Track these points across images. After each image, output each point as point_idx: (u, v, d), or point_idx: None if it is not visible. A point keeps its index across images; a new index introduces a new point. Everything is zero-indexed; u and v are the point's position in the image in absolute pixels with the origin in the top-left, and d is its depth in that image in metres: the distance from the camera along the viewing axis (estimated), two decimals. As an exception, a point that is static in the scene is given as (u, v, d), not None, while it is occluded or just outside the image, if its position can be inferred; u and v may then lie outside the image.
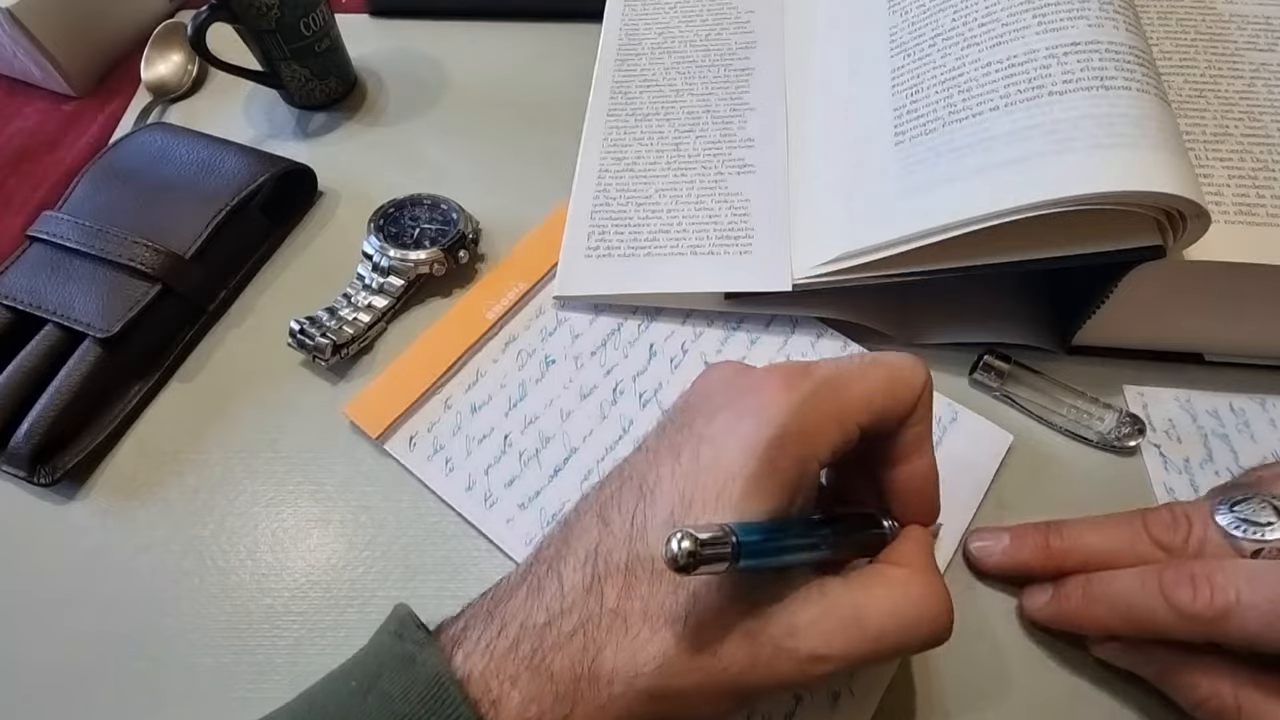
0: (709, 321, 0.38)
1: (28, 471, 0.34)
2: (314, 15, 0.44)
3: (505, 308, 0.38)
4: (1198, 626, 0.24)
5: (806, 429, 0.22)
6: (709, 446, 0.23)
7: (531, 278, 0.39)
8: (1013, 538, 0.30)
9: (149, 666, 0.30)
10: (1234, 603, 0.23)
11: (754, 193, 0.39)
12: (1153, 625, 0.25)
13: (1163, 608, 0.24)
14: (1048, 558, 0.29)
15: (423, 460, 0.34)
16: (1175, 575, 0.24)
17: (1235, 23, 0.37)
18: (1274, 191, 0.31)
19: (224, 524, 0.34)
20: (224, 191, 0.40)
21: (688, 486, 0.22)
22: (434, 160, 0.46)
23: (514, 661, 0.21)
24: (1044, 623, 0.29)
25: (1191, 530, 0.26)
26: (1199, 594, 0.24)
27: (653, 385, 0.36)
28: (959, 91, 0.32)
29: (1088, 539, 0.28)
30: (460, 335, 0.37)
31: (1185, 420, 0.34)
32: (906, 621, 0.22)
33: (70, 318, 0.36)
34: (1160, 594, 0.24)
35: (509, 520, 0.33)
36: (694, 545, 0.18)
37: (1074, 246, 0.30)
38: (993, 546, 0.30)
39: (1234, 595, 0.23)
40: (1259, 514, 0.25)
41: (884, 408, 0.24)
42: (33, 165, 0.47)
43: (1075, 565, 0.28)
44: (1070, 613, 0.28)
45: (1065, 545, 0.28)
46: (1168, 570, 0.25)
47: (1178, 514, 0.27)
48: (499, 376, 0.37)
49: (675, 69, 0.44)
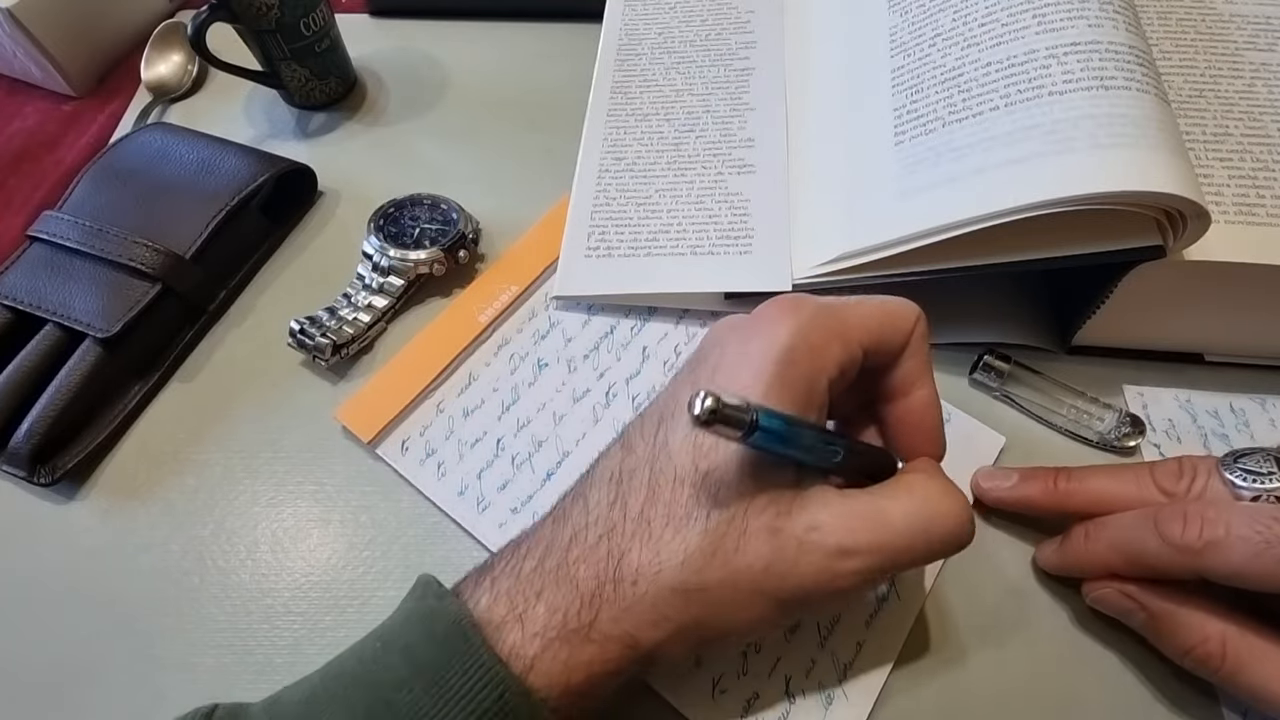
0: (703, 323, 0.38)
1: (28, 471, 0.34)
2: (314, 15, 0.44)
3: (498, 311, 0.38)
4: (1186, 558, 0.24)
5: (814, 344, 0.23)
6: (723, 371, 0.24)
7: (524, 280, 0.39)
8: (1021, 477, 0.31)
9: (149, 666, 0.30)
10: (1222, 536, 0.23)
11: (754, 193, 0.39)
12: (1144, 558, 0.26)
13: (1154, 539, 0.25)
14: (1053, 495, 0.29)
15: (415, 465, 0.34)
16: (1170, 511, 0.25)
17: (1235, 23, 0.37)
18: (1274, 191, 0.31)
19: (224, 524, 0.34)
20: (224, 191, 0.40)
21: None
22: (434, 160, 0.46)
23: (539, 577, 0.22)
24: (1052, 568, 0.30)
25: (1195, 479, 0.27)
26: (1189, 527, 0.24)
27: (646, 388, 0.36)
28: (959, 91, 0.32)
29: (1094, 483, 0.29)
30: (452, 339, 0.37)
31: (1185, 420, 0.34)
32: (928, 518, 0.23)
33: (70, 318, 0.36)
34: (1154, 528, 0.25)
35: (501, 525, 0.33)
36: (716, 403, 0.19)
37: (1074, 246, 0.30)
38: (1002, 483, 0.31)
39: (1223, 529, 0.24)
40: (1260, 465, 0.26)
41: (881, 332, 0.25)
42: (33, 165, 0.47)
43: (1079, 505, 0.29)
44: (1074, 553, 0.29)
45: (1071, 486, 0.29)
46: (1165, 508, 0.26)
47: (1185, 464, 0.27)
48: (491, 380, 0.36)
49: (675, 69, 0.44)
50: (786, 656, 0.29)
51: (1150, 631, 0.27)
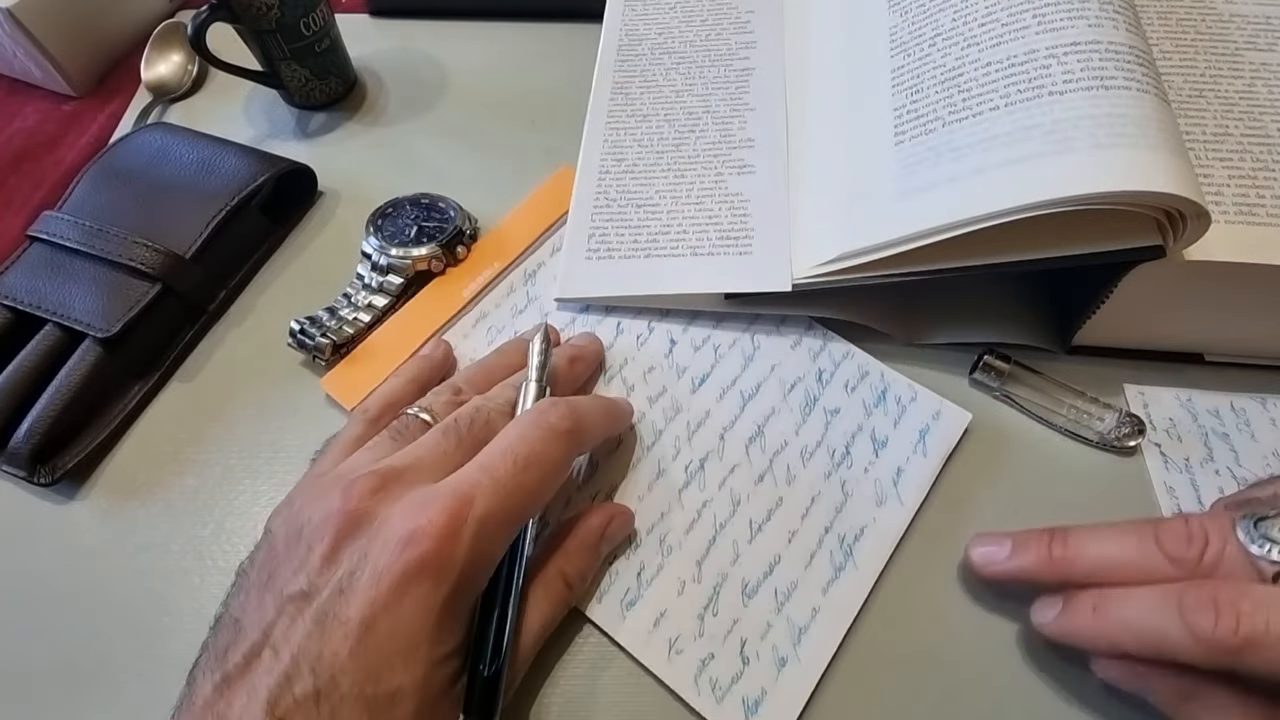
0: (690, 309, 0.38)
1: (28, 471, 0.34)
2: (314, 15, 0.44)
3: (480, 286, 0.39)
4: (1219, 654, 0.22)
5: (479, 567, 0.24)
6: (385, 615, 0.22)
7: (507, 257, 0.40)
8: (1015, 545, 0.28)
9: (149, 666, 0.30)
10: (1263, 632, 0.22)
11: (754, 193, 0.39)
12: (1169, 649, 0.23)
13: (1181, 631, 0.23)
14: (1051, 566, 0.27)
15: None
16: (1197, 598, 0.23)
17: (1235, 23, 0.37)
18: (1274, 191, 0.31)
19: (224, 524, 0.34)
20: (224, 191, 0.40)
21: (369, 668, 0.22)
22: (434, 160, 0.46)
23: None
24: (1053, 638, 0.27)
25: (1208, 546, 0.25)
26: (1223, 620, 0.22)
27: (618, 361, 0.37)
28: (959, 91, 0.32)
29: (1093, 549, 0.27)
30: (436, 312, 0.38)
31: (1186, 419, 0.34)
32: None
33: (70, 318, 0.36)
34: (1179, 617, 0.23)
35: None
36: None
37: (1074, 246, 0.30)
38: (995, 554, 0.29)
39: (1263, 625, 0.22)
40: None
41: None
42: (33, 165, 0.47)
43: (1081, 575, 0.27)
44: (1080, 629, 0.26)
45: (1069, 554, 0.27)
46: (1189, 593, 0.23)
47: (1194, 528, 0.25)
48: (469, 352, 0.37)
49: (675, 69, 0.44)
50: (743, 619, 0.30)
51: (1169, 709, 0.25)
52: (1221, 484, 0.32)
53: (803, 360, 0.36)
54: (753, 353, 0.37)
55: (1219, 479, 0.32)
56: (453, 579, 0.23)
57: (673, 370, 0.36)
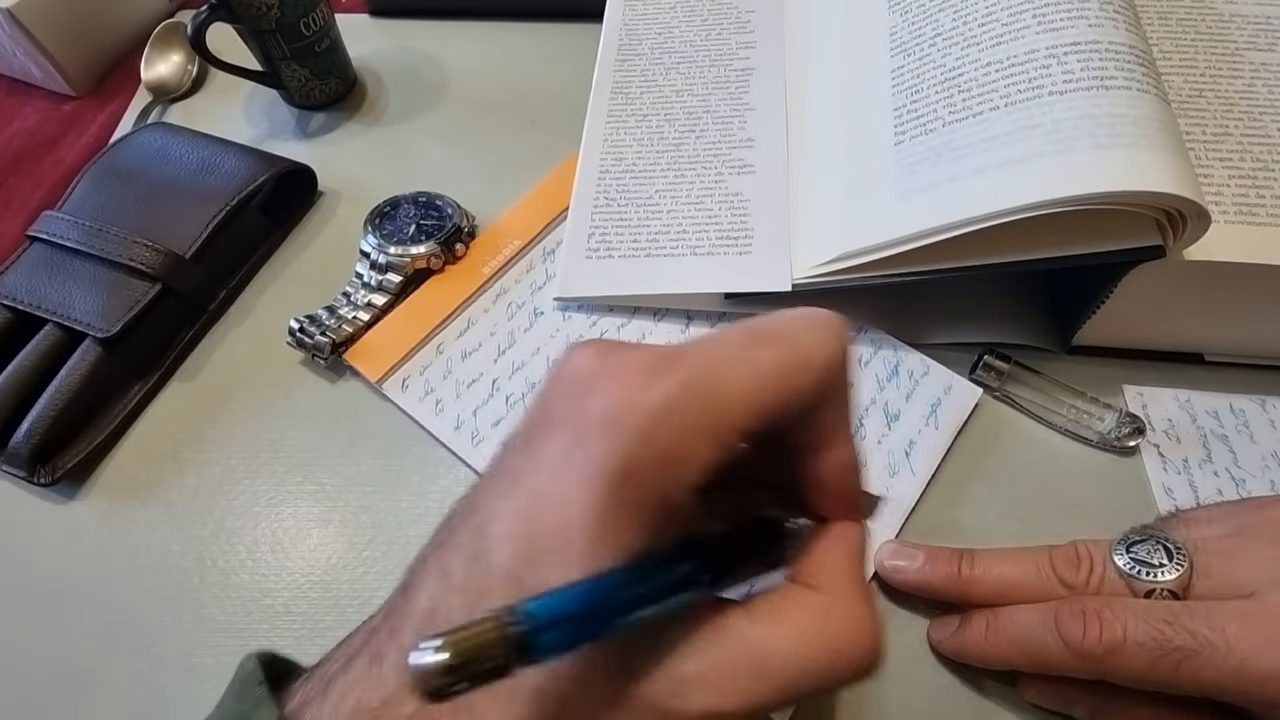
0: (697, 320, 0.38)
1: (28, 471, 0.34)
2: (314, 15, 0.44)
3: (501, 263, 0.40)
4: (1088, 663, 0.24)
5: (667, 451, 0.17)
6: (549, 475, 0.18)
7: (526, 235, 0.41)
8: (927, 559, 0.29)
9: (149, 666, 0.30)
10: (1119, 641, 0.23)
11: (754, 193, 0.39)
12: (1047, 660, 0.25)
13: (1056, 642, 0.25)
14: (956, 583, 0.28)
15: (415, 401, 0.36)
16: (1069, 611, 0.25)
17: (1235, 23, 0.37)
18: (1274, 191, 0.31)
19: (224, 524, 0.34)
20: (224, 191, 0.40)
21: (525, 535, 0.17)
22: (434, 160, 0.46)
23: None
24: (949, 654, 0.29)
25: (1093, 569, 0.26)
26: (1089, 630, 0.24)
27: (635, 336, 0.37)
28: (959, 91, 0.32)
29: (995, 570, 0.28)
30: (457, 288, 0.39)
31: (1185, 420, 0.34)
32: (822, 659, 0.18)
33: (70, 317, 0.36)
34: (1055, 628, 0.25)
35: None
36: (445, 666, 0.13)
37: (1074, 246, 0.30)
38: (906, 567, 0.30)
39: (1120, 632, 0.23)
40: (1152, 555, 0.26)
41: (776, 401, 0.18)
42: (33, 165, 0.47)
43: (981, 594, 0.28)
44: (973, 645, 0.28)
45: (975, 574, 0.28)
46: (1063, 607, 0.25)
47: (1081, 552, 0.27)
48: (489, 325, 0.38)
49: (675, 69, 0.44)
50: None
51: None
52: (1220, 485, 0.32)
53: None
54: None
55: (1217, 480, 0.32)
56: None
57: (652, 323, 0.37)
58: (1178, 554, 0.25)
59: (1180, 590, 0.25)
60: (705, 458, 0.17)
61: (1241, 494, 0.32)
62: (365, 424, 0.36)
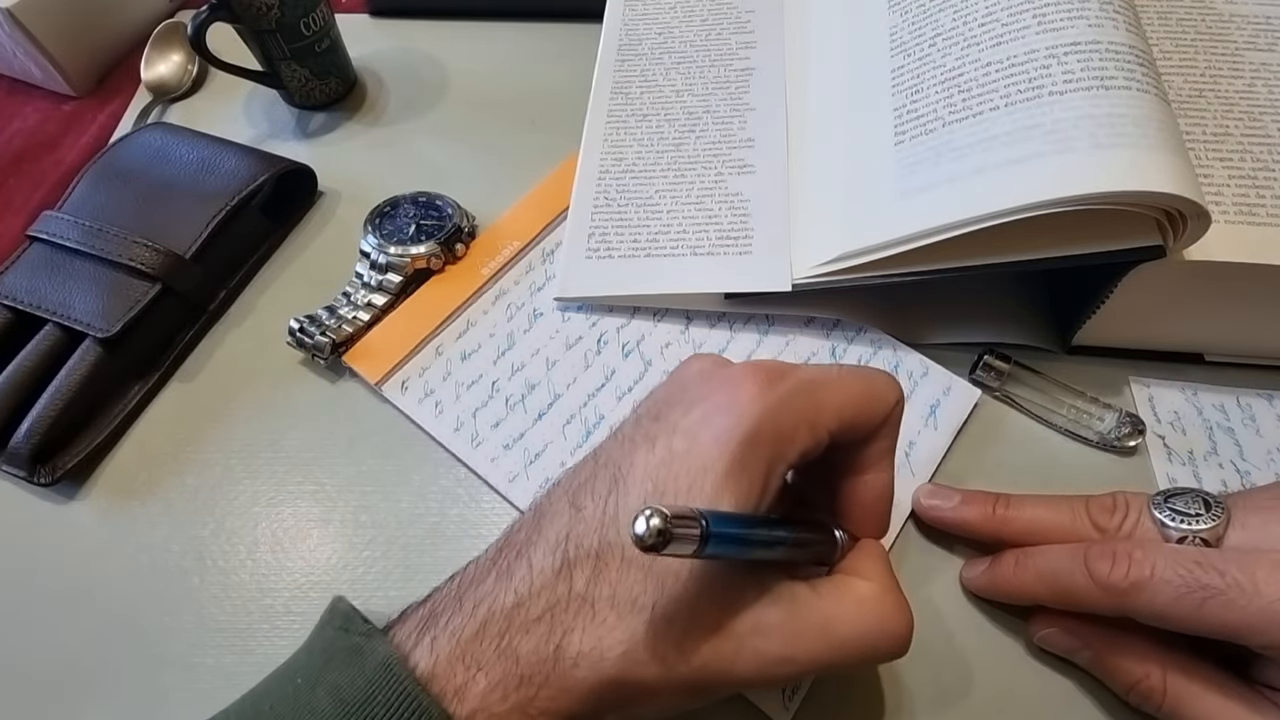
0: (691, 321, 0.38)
1: (28, 471, 0.34)
2: (314, 15, 0.44)
3: (500, 265, 0.40)
4: (1112, 597, 0.25)
5: (781, 430, 0.22)
6: (683, 438, 0.23)
7: (525, 236, 0.41)
8: (964, 498, 0.31)
9: (149, 666, 0.30)
10: (1147, 577, 0.24)
11: (754, 193, 0.39)
12: (1073, 594, 0.26)
13: (1083, 577, 0.25)
14: (990, 522, 0.30)
15: (414, 403, 0.36)
16: (1100, 549, 0.26)
17: (1235, 23, 0.37)
18: (1274, 191, 0.31)
19: (224, 524, 0.34)
20: (224, 191, 0.40)
21: (661, 476, 0.22)
22: (434, 160, 0.46)
23: (480, 645, 0.21)
24: (978, 590, 0.30)
25: (1128, 516, 0.27)
26: (1117, 566, 0.25)
27: (635, 337, 0.37)
28: (959, 91, 0.32)
29: (1030, 512, 0.29)
30: (456, 289, 0.39)
31: (1191, 413, 0.34)
32: (872, 636, 0.22)
33: (70, 318, 0.36)
34: (1084, 564, 0.25)
35: (493, 459, 0.34)
36: (664, 523, 0.17)
37: (1074, 246, 0.30)
38: (943, 505, 0.31)
39: (1148, 570, 0.24)
40: (1190, 506, 0.26)
41: (855, 418, 0.24)
42: (33, 165, 0.47)
43: (1014, 533, 0.29)
44: (1002, 579, 0.29)
45: (1009, 514, 0.29)
46: (1094, 546, 0.26)
47: (1119, 500, 0.28)
48: (488, 326, 0.38)
49: (675, 69, 0.44)
50: None
51: (1095, 668, 0.28)
52: (1224, 477, 0.32)
53: (815, 338, 0.37)
54: (756, 346, 0.37)
55: (1222, 472, 0.32)
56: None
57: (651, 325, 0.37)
58: (1216, 506, 0.26)
59: (1214, 540, 0.25)
60: (804, 444, 0.23)
61: (1246, 486, 0.32)
62: (365, 424, 0.36)
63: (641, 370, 0.36)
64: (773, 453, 0.22)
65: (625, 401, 0.35)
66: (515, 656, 0.21)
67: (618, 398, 0.35)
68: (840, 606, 0.23)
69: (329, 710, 0.21)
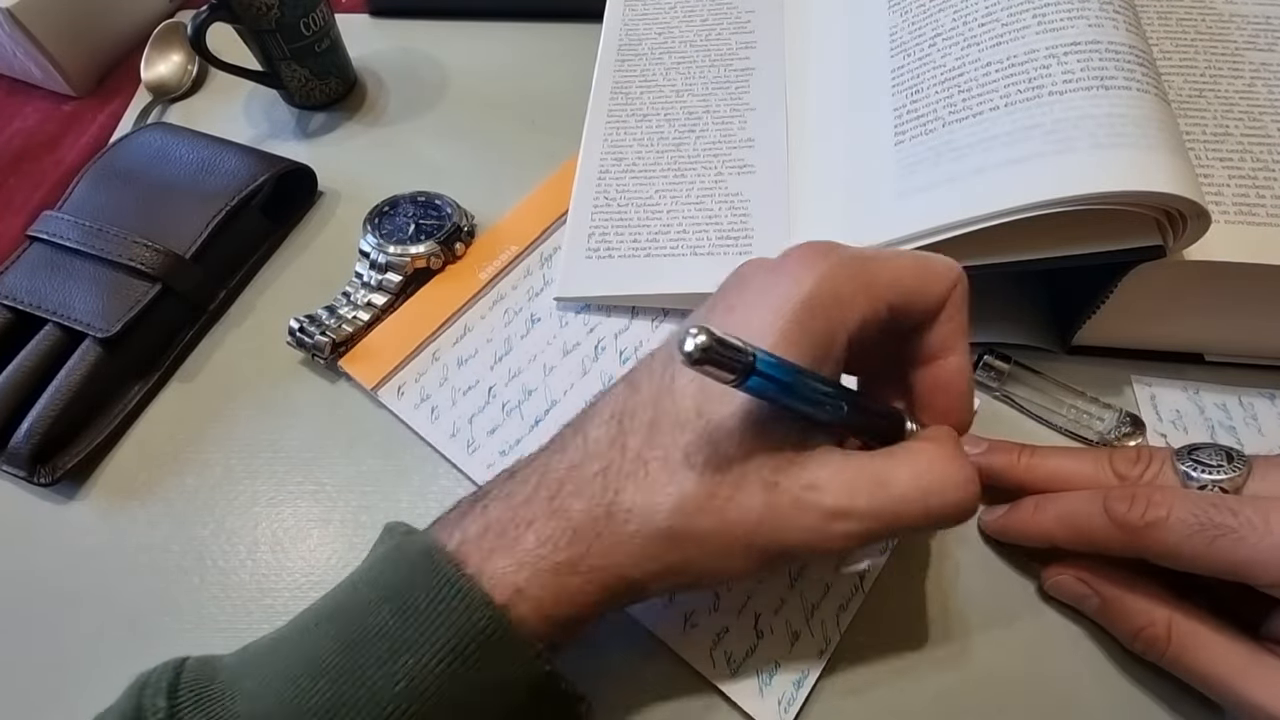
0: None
1: (28, 471, 0.34)
2: (314, 15, 0.44)
3: (498, 269, 0.40)
4: (1126, 535, 0.25)
5: (839, 295, 0.23)
6: (742, 312, 0.23)
7: (523, 241, 0.41)
8: (990, 447, 0.31)
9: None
10: (1163, 517, 0.24)
11: (754, 193, 0.39)
12: (1089, 534, 0.26)
13: (1100, 516, 0.26)
14: (1014, 469, 0.30)
15: (410, 408, 0.36)
16: (1120, 491, 0.26)
17: (1235, 23, 0.37)
18: (1274, 191, 0.31)
19: (224, 524, 0.34)
20: (224, 191, 0.40)
21: None
22: (434, 160, 0.46)
23: (531, 506, 0.22)
24: (995, 533, 0.30)
25: (1150, 466, 0.28)
26: (1135, 506, 0.25)
27: (634, 343, 0.37)
28: (959, 91, 0.32)
29: (1054, 461, 0.30)
30: (453, 294, 0.39)
31: (1193, 412, 0.34)
32: (931, 487, 0.22)
33: (70, 318, 0.36)
34: (1102, 505, 0.26)
35: (489, 465, 0.34)
36: (709, 340, 0.18)
37: (1074, 246, 0.30)
38: (969, 448, 0.31)
39: (1165, 511, 0.24)
40: (1211, 458, 0.27)
41: (912, 291, 0.24)
42: (33, 165, 0.47)
43: (1037, 481, 0.29)
44: (1019, 521, 0.29)
45: (1034, 461, 0.30)
46: (1114, 490, 0.26)
47: (1143, 452, 0.28)
48: (485, 332, 0.38)
49: (675, 69, 0.44)
50: (756, 595, 0.30)
51: (1102, 616, 0.28)
52: (1224, 477, 0.32)
53: None
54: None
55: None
56: None
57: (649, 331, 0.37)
58: (1238, 459, 0.26)
59: (1233, 490, 0.25)
60: (863, 310, 0.23)
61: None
62: (365, 424, 0.36)
63: None
64: (831, 319, 0.22)
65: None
66: (566, 514, 0.22)
67: None
68: (898, 462, 0.23)
69: (370, 596, 0.22)
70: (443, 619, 0.20)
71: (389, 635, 0.20)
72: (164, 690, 0.21)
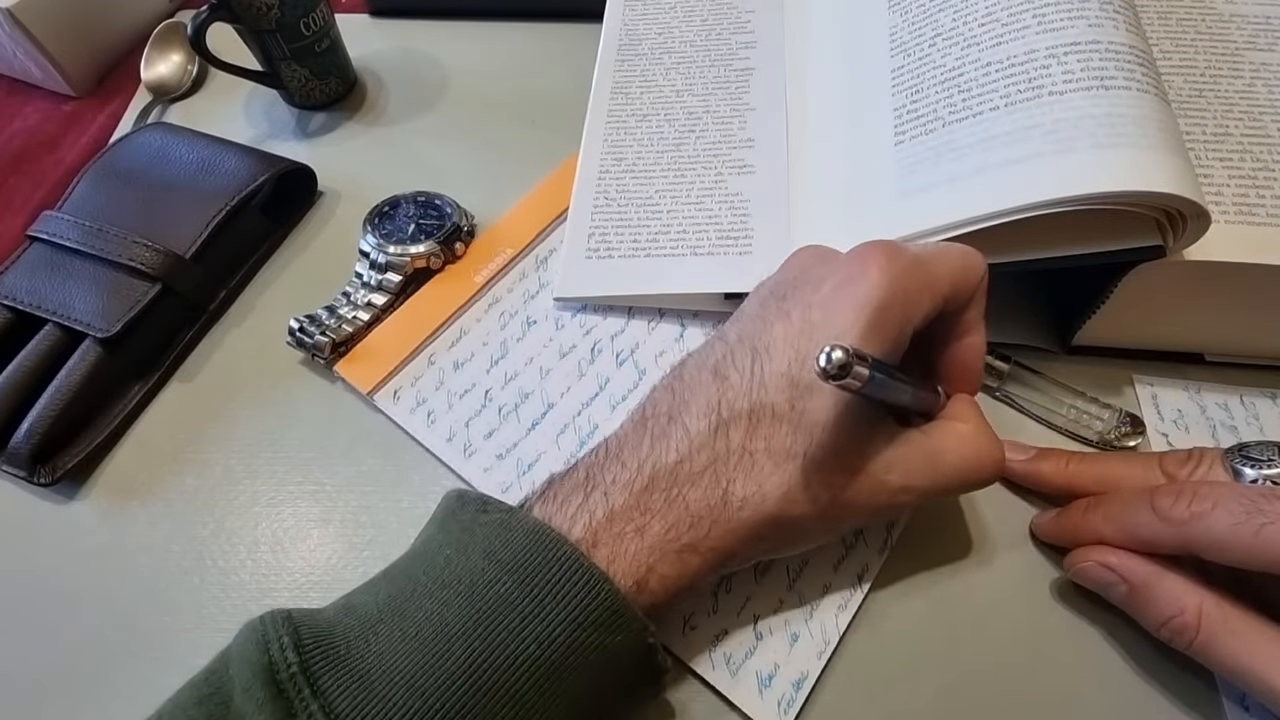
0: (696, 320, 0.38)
1: (28, 471, 0.34)
2: (314, 15, 0.44)
3: (493, 272, 0.40)
4: (1172, 528, 0.25)
5: (910, 295, 0.25)
6: (820, 309, 0.26)
7: (520, 243, 0.41)
8: (1039, 453, 0.32)
9: (149, 666, 0.30)
10: (1209, 510, 0.25)
11: (754, 193, 0.39)
12: (1136, 529, 0.27)
13: (1148, 513, 0.26)
14: (1063, 474, 0.31)
15: (406, 413, 0.36)
16: (1168, 487, 0.27)
17: (1235, 23, 0.37)
18: (1274, 191, 0.31)
19: (224, 524, 0.34)
20: (224, 191, 0.40)
21: (802, 344, 0.25)
22: (433, 160, 0.46)
23: (653, 498, 0.25)
24: (1046, 536, 0.31)
25: (1200, 465, 0.28)
26: (1180, 500, 0.25)
27: (629, 345, 0.37)
28: (959, 91, 0.32)
29: (1103, 465, 0.31)
30: (449, 298, 0.39)
31: (1194, 411, 0.34)
32: (970, 465, 0.26)
33: (70, 317, 0.36)
34: (1149, 501, 0.26)
35: (486, 469, 0.34)
36: (846, 356, 0.20)
37: (1074, 246, 0.30)
38: (1017, 455, 0.32)
39: (1210, 504, 0.25)
40: (1263, 453, 0.27)
41: (959, 285, 0.26)
42: (33, 165, 0.47)
43: (1086, 484, 0.30)
44: (1070, 523, 0.30)
45: (1083, 467, 0.31)
46: (1164, 485, 0.27)
47: (1193, 453, 0.29)
48: (481, 335, 0.38)
49: (675, 69, 0.44)
50: (755, 596, 0.30)
51: (1130, 604, 0.28)
52: (1226, 476, 0.32)
53: None
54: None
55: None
56: None
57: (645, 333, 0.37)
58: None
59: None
60: (927, 307, 0.26)
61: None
62: (365, 424, 0.36)
63: (635, 379, 0.36)
64: (902, 315, 0.25)
65: (619, 411, 0.35)
66: (685, 505, 0.25)
67: (611, 407, 0.35)
68: (945, 443, 0.26)
69: (488, 571, 0.23)
70: (567, 592, 0.22)
71: (515, 605, 0.22)
72: (290, 645, 0.22)
